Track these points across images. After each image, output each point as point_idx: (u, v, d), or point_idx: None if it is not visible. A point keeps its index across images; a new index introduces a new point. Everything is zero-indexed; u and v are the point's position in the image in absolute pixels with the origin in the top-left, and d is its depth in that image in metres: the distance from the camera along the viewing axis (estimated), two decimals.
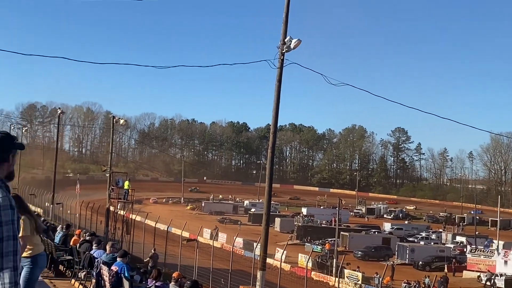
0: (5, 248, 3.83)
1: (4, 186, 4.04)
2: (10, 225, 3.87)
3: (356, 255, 61.63)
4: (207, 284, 27.77)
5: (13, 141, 4.18)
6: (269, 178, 25.77)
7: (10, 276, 3.84)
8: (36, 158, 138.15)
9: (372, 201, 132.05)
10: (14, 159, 4.19)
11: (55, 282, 15.69)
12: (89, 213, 44.83)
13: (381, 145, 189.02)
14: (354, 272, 47.95)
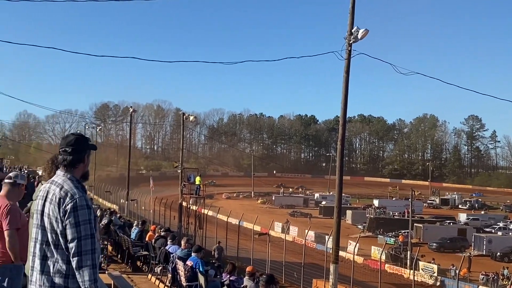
0: (84, 246, 3.91)
1: (80, 186, 4.13)
2: (87, 224, 3.95)
3: (430, 246, 60.21)
4: (280, 277, 27.78)
5: (87, 142, 4.27)
6: (340, 171, 25.51)
7: (89, 273, 3.91)
8: (110, 156, 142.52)
9: (446, 191, 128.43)
10: (88, 159, 4.28)
11: (132, 277, 16.08)
12: (162, 209, 45.79)
13: (454, 134, 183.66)
14: (429, 264, 46.79)
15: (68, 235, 3.92)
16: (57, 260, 3.98)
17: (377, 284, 24.03)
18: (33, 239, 4.13)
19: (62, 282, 3.97)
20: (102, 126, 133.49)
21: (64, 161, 4.15)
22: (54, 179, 4.17)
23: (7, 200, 6.06)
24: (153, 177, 75.33)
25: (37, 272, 4.06)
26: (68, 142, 4.17)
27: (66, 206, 3.93)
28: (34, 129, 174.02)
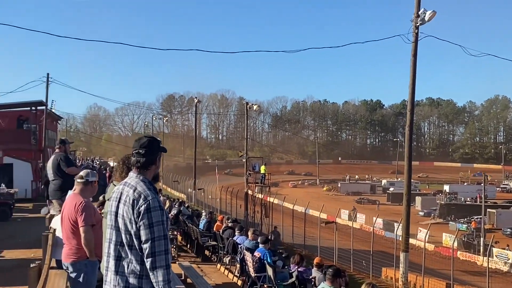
0: (157, 247, 3.97)
1: (153, 188, 4.19)
2: (161, 225, 4.01)
3: (505, 232, 58.23)
4: (348, 266, 27.60)
5: (159, 145, 4.34)
6: (408, 157, 25.03)
7: (163, 274, 3.97)
8: (176, 146, 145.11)
9: None
10: (159, 162, 4.35)
11: (202, 266, 16.35)
12: (228, 197, 46.29)
13: None
14: (504, 251, 45.29)
15: (142, 236, 3.99)
16: (131, 261, 4.06)
17: (449, 271, 23.43)
18: (108, 239, 4.23)
19: (136, 283, 4.05)
20: (168, 117, 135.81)
21: (137, 163, 4.23)
22: (127, 181, 4.25)
23: (81, 197, 6.24)
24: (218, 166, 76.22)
25: (111, 272, 4.15)
26: (142, 144, 4.24)
27: (139, 208, 4.01)
28: (104, 121, 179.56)
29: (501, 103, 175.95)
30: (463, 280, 30.31)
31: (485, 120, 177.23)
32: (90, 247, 5.96)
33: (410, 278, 25.30)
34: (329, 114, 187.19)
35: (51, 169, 9.53)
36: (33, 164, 41.41)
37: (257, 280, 12.17)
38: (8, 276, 14.16)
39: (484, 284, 22.01)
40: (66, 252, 6.23)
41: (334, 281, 8.66)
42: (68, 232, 6.20)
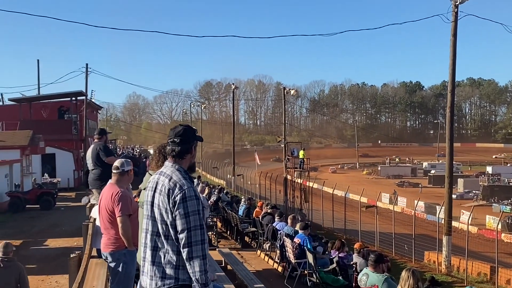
0: (193, 237, 3.91)
1: (188, 177, 4.13)
2: (197, 215, 3.95)
3: None
4: (390, 250, 27.26)
5: (195, 134, 4.27)
6: (450, 139, 24.55)
7: (200, 264, 3.92)
8: (215, 132, 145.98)
9: None
10: (195, 151, 4.28)
11: (242, 253, 16.38)
12: (268, 183, 46.28)
13: None
14: None
15: (178, 226, 3.95)
16: (167, 251, 4.03)
17: (493, 254, 22.92)
18: (144, 230, 4.20)
19: (172, 273, 4.01)
20: (206, 104, 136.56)
21: (173, 152, 4.18)
22: (163, 170, 4.20)
23: (117, 187, 6.24)
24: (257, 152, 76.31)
25: (148, 262, 4.13)
26: (177, 133, 4.19)
27: (175, 197, 3.96)
28: (143, 109, 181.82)
29: None
30: (508, 262, 29.62)
31: None
32: (128, 237, 5.96)
33: (453, 261, 24.88)
34: (368, 97, 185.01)
35: (91, 158, 9.62)
36: (75, 153, 42.20)
37: (297, 266, 12.11)
38: (53, 264, 14.47)
39: None
40: (105, 242, 6.25)
41: (377, 267, 8.52)
42: (105, 222, 6.22)
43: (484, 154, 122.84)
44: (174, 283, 4.01)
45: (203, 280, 3.94)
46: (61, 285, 12.14)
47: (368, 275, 8.47)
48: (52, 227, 22.97)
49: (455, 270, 24.62)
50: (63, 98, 47.50)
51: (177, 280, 4.01)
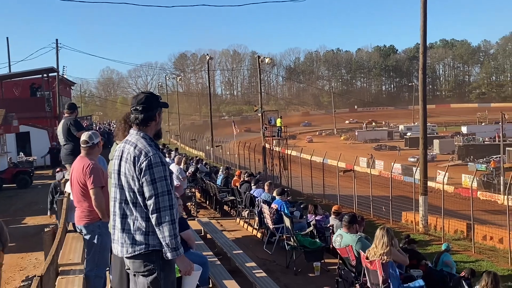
0: (161, 203, 3.96)
1: (154, 144, 4.16)
2: (163, 181, 3.99)
3: None
4: (368, 212, 27.68)
5: (158, 100, 4.28)
6: (423, 100, 24.82)
7: (169, 229, 3.98)
8: (192, 104, 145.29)
9: None
10: (160, 118, 4.29)
11: (221, 222, 16.51)
12: (246, 152, 46.40)
13: None
14: None
15: (145, 192, 3.99)
16: (136, 218, 4.08)
17: (469, 212, 23.40)
18: (113, 198, 4.24)
19: (142, 239, 4.07)
20: (182, 76, 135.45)
21: (136, 120, 4.20)
22: (128, 138, 4.23)
23: (88, 160, 6.24)
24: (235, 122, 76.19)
25: (118, 230, 4.18)
26: (139, 100, 4.20)
27: (141, 164, 4.00)
28: (118, 84, 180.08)
29: None
30: (484, 219, 30.32)
31: (501, 58, 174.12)
32: (102, 209, 5.98)
33: (430, 220, 25.36)
34: (343, 63, 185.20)
35: (62, 134, 9.55)
36: (49, 131, 41.75)
37: (275, 231, 12.26)
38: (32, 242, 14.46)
39: (505, 222, 21.93)
40: (79, 215, 6.27)
41: (351, 228, 8.68)
42: (78, 195, 6.23)
43: (459, 115, 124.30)
44: (144, 248, 4.07)
45: (173, 244, 4.01)
46: (40, 261, 12.15)
47: (342, 236, 8.63)
48: (29, 205, 22.86)
49: (432, 229, 25.10)
50: (34, 75, 46.75)
51: (147, 245, 4.06)
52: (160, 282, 4.11)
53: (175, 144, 65.13)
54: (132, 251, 4.10)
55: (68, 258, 6.52)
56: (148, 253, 4.07)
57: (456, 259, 13.33)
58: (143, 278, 4.13)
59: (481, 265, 17.74)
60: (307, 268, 10.77)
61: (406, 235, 12.13)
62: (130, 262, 4.18)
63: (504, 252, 21.07)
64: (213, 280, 8.04)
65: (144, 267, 4.10)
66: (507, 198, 25.91)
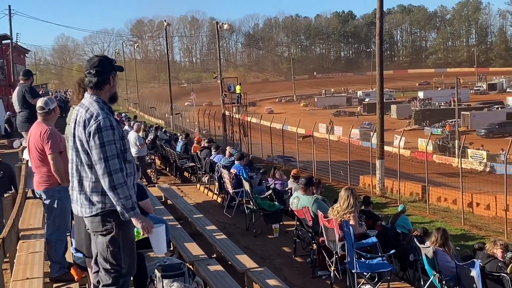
0: (112, 166, 4.02)
1: (106, 107, 4.21)
2: (113, 144, 4.04)
3: (479, 133, 59.55)
4: (327, 176, 28.14)
5: (112, 63, 4.31)
6: (380, 66, 25.16)
7: (123, 191, 4.05)
8: (150, 72, 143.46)
9: (494, 76, 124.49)
10: (114, 81, 4.33)
11: (182, 188, 16.63)
12: (206, 120, 46.34)
13: (499, 16, 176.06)
14: (478, 151, 46.56)
15: (94, 156, 4.04)
16: (92, 179, 4.15)
17: (425, 175, 24.09)
18: (70, 160, 4.31)
19: (99, 200, 4.15)
20: (139, 43, 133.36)
21: (90, 83, 4.22)
22: (82, 102, 4.27)
23: (45, 125, 6.22)
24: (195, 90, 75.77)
25: (76, 191, 4.26)
26: (92, 64, 4.22)
27: (90, 128, 4.04)
28: (73, 51, 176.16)
29: (472, 5, 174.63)
30: (439, 182, 31.16)
31: (457, 24, 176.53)
32: (61, 173, 6.00)
33: (387, 183, 26.00)
34: (302, 29, 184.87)
35: (17, 101, 9.42)
36: (4, 99, 40.75)
37: (235, 195, 12.46)
38: None
39: (458, 184, 22.68)
40: (37, 180, 6.27)
41: (307, 190, 8.92)
42: (36, 161, 6.22)
43: (417, 80, 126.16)
44: (101, 208, 4.15)
45: (129, 205, 4.09)
46: None
47: (299, 198, 8.87)
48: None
49: (388, 192, 25.74)
50: None
51: (104, 205, 4.14)
52: (118, 241, 4.21)
53: (133, 112, 64.46)
54: (90, 212, 4.19)
55: (28, 223, 6.55)
56: (106, 213, 4.16)
57: (411, 220, 13.74)
58: (101, 237, 4.23)
59: (435, 225, 18.30)
60: (266, 230, 11.03)
61: (364, 196, 12.48)
62: (89, 222, 4.28)
63: (457, 213, 21.82)
64: (174, 243, 8.17)
65: (102, 227, 4.20)
66: (460, 161, 26.77)
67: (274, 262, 9.18)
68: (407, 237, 9.71)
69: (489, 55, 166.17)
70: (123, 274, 4.33)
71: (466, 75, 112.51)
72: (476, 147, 48.00)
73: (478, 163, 43.18)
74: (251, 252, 9.26)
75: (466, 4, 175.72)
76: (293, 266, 9.01)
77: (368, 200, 11.87)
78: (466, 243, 15.60)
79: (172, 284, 4.89)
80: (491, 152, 45.47)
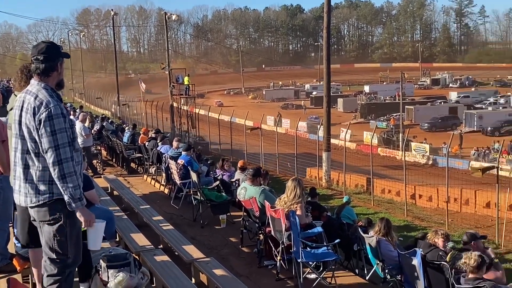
0: (63, 155, 3.98)
1: (55, 95, 4.15)
2: (64, 132, 4.00)
3: (422, 127, 61.08)
4: (274, 169, 28.38)
5: (59, 50, 4.25)
6: (327, 60, 25.49)
7: (72, 180, 4.01)
8: (97, 61, 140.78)
9: (437, 71, 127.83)
10: (62, 68, 4.27)
11: (129, 179, 16.46)
12: (154, 111, 45.90)
13: (443, 12, 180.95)
14: (421, 144, 47.83)
15: (44, 144, 3.97)
16: (38, 168, 4.08)
17: (370, 167, 24.62)
18: (13, 148, 4.21)
19: (46, 189, 4.08)
20: (85, 32, 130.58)
21: (37, 70, 4.15)
22: (29, 89, 4.18)
23: None
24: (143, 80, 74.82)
25: (20, 180, 4.17)
26: (40, 50, 4.15)
27: (40, 115, 3.97)
28: (17, 40, 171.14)
29: (417, 2, 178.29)
30: (383, 174, 31.88)
31: (402, 20, 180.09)
32: (3, 162, 5.85)
33: (333, 175, 26.44)
34: (251, 21, 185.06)
35: None
36: None
37: (182, 186, 12.42)
38: None
39: (402, 176, 23.27)
40: None
41: (254, 180, 8.99)
42: None
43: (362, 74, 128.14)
44: (49, 197, 4.09)
45: (77, 195, 4.05)
46: None
47: (246, 189, 8.93)
48: None
49: (334, 184, 26.19)
50: None
51: (51, 194, 4.09)
52: (65, 230, 4.16)
53: (79, 103, 63.19)
54: (37, 201, 4.12)
55: None
56: (53, 201, 4.11)
57: (356, 212, 14.03)
58: (48, 226, 4.17)
59: (379, 216, 18.66)
60: (214, 221, 11.04)
61: (311, 188, 12.66)
62: (35, 212, 4.20)
63: (400, 204, 22.37)
64: (120, 234, 8.11)
65: (49, 216, 4.14)
66: (404, 154, 27.47)
67: (221, 252, 9.22)
68: (352, 227, 9.92)
69: (433, 50, 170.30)
70: (69, 264, 4.28)
71: (411, 70, 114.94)
72: (420, 141, 49.27)
73: (421, 156, 44.35)
74: (198, 243, 9.27)
75: (411, 0, 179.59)
76: (240, 256, 9.07)
77: (314, 191, 12.02)
78: (409, 233, 16.05)
79: (118, 274, 4.85)
80: (434, 145, 46.80)
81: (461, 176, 31.24)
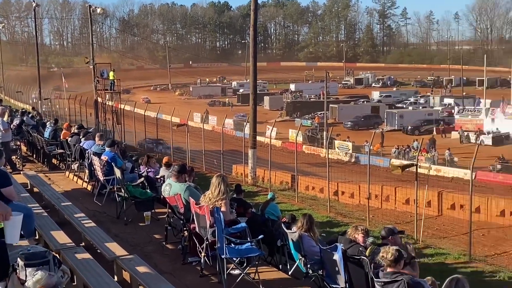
0: None
1: None
2: None
3: (345, 126, 62.49)
4: (200, 165, 28.35)
5: None
6: (253, 57, 25.71)
7: None
8: (18, 54, 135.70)
9: (360, 71, 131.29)
10: None
11: (50, 175, 15.99)
12: (78, 107, 44.74)
13: (367, 13, 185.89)
14: (344, 142, 49.06)
15: None
16: None
17: (294, 164, 25.04)
18: None
19: None
20: (5, 23, 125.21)
21: None
22: None
23: None
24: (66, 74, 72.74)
25: None
26: None
27: None
28: None
29: (342, 2, 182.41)
30: (308, 171, 32.42)
31: (328, 20, 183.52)
32: None
33: (259, 172, 26.72)
34: (178, 17, 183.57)
35: None
36: None
37: (106, 183, 12.23)
38: None
39: (326, 173, 23.80)
40: None
41: (180, 177, 8.97)
42: None
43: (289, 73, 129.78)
44: None
45: None
46: None
47: (171, 185, 8.90)
48: None
49: (260, 181, 26.47)
50: None
51: None
52: None
53: None
54: None
55: None
56: None
57: (280, 208, 14.24)
58: None
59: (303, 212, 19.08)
60: (138, 218, 10.96)
61: (236, 184, 12.76)
62: None
63: (324, 201, 22.90)
64: (40, 232, 7.91)
65: None
66: (327, 151, 28.08)
67: (145, 249, 9.16)
68: (276, 223, 10.08)
69: (357, 51, 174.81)
70: None
71: (335, 70, 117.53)
72: (343, 139, 50.51)
73: (344, 153, 45.50)
74: (121, 240, 9.18)
75: (336, 0, 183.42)
76: (164, 253, 9.05)
77: (239, 188, 12.11)
78: (332, 229, 16.46)
79: (36, 272, 4.74)
80: (356, 143, 48.09)
81: (382, 173, 32.28)
